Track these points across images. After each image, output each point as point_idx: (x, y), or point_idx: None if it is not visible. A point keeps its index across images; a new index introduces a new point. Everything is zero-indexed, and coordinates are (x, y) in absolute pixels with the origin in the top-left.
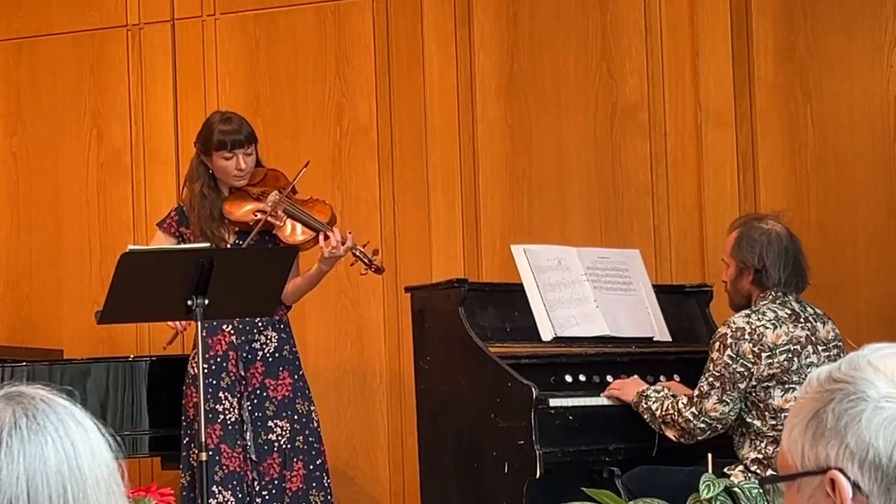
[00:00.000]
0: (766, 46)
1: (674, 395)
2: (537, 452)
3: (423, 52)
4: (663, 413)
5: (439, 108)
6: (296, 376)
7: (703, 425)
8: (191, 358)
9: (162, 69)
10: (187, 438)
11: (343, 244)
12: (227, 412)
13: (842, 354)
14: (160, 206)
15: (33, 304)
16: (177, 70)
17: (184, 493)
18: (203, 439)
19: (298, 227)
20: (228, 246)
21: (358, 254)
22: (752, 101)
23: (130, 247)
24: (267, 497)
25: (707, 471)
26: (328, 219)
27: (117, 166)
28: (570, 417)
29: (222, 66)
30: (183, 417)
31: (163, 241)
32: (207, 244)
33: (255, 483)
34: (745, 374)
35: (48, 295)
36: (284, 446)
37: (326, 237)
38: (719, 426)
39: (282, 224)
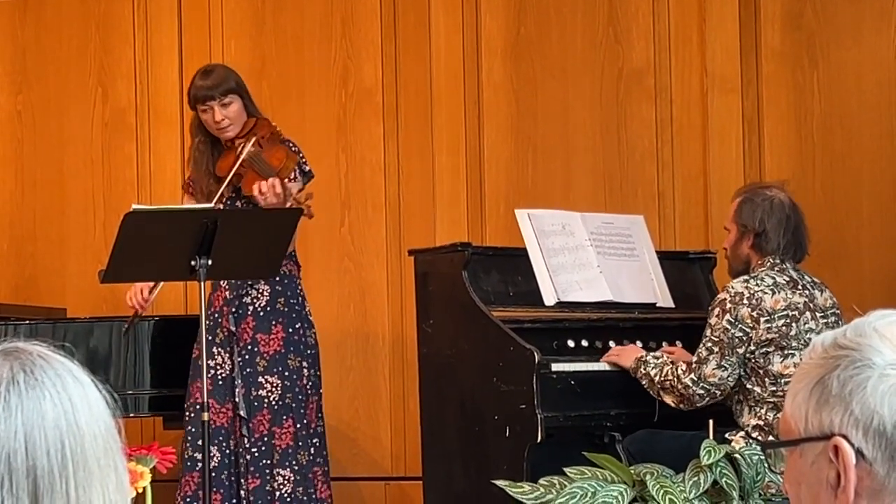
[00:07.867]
0: (773, 13)
1: (672, 362)
2: (539, 417)
3: (430, 14)
4: (662, 379)
5: (445, 72)
6: (290, 329)
7: (701, 391)
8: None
9: (168, 29)
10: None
11: (270, 192)
12: (217, 367)
13: (840, 322)
14: (165, 165)
15: (37, 263)
16: (182, 30)
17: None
18: (205, 399)
19: (253, 176)
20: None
21: (290, 202)
22: (758, 67)
23: (134, 206)
24: (256, 454)
25: (708, 437)
26: (279, 166)
27: (122, 126)
28: (572, 382)
29: (228, 28)
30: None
31: (190, 203)
32: (211, 204)
33: (245, 440)
34: (744, 338)
35: (52, 254)
36: (275, 403)
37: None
38: (718, 392)
39: (246, 175)
